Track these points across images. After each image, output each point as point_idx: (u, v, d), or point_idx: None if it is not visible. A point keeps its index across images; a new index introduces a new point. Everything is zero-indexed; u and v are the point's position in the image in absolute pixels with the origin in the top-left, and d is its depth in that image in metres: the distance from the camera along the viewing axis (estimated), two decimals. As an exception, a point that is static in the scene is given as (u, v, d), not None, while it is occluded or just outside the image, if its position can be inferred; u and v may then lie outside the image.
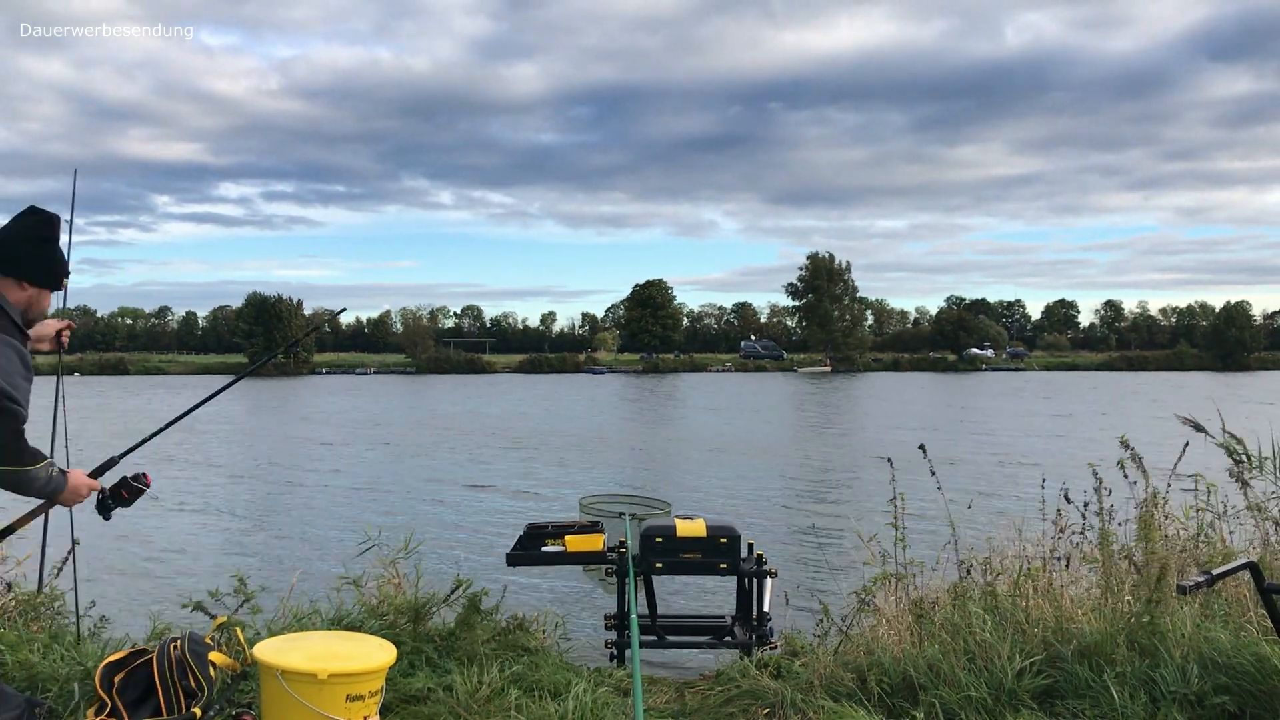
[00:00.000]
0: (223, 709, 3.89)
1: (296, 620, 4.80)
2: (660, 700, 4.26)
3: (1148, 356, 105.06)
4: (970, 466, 20.52)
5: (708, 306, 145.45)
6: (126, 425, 32.77)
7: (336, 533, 14.07)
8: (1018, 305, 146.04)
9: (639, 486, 18.56)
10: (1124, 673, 3.73)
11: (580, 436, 29.10)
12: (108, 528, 14.46)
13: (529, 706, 3.91)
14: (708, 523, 5.06)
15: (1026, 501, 5.17)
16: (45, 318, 3.39)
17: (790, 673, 4.22)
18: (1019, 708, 3.70)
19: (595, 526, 5.35)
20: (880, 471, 16.92)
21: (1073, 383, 68.52)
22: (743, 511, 15.57)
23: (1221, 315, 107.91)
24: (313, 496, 17.16)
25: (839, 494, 18.09)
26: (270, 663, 3.50)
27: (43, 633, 4.77)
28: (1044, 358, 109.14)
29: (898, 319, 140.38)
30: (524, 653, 4.57)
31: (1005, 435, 29.25)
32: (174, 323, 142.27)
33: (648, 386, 66.46)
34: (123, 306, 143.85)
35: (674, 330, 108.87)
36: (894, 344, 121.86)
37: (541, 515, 6.08)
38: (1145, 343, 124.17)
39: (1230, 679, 3.60)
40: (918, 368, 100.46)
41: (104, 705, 3.82)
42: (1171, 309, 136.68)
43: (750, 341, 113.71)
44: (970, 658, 3.93)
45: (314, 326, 13.64)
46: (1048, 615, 4.19)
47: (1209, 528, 4.78)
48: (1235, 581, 4.36)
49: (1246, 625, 4.04)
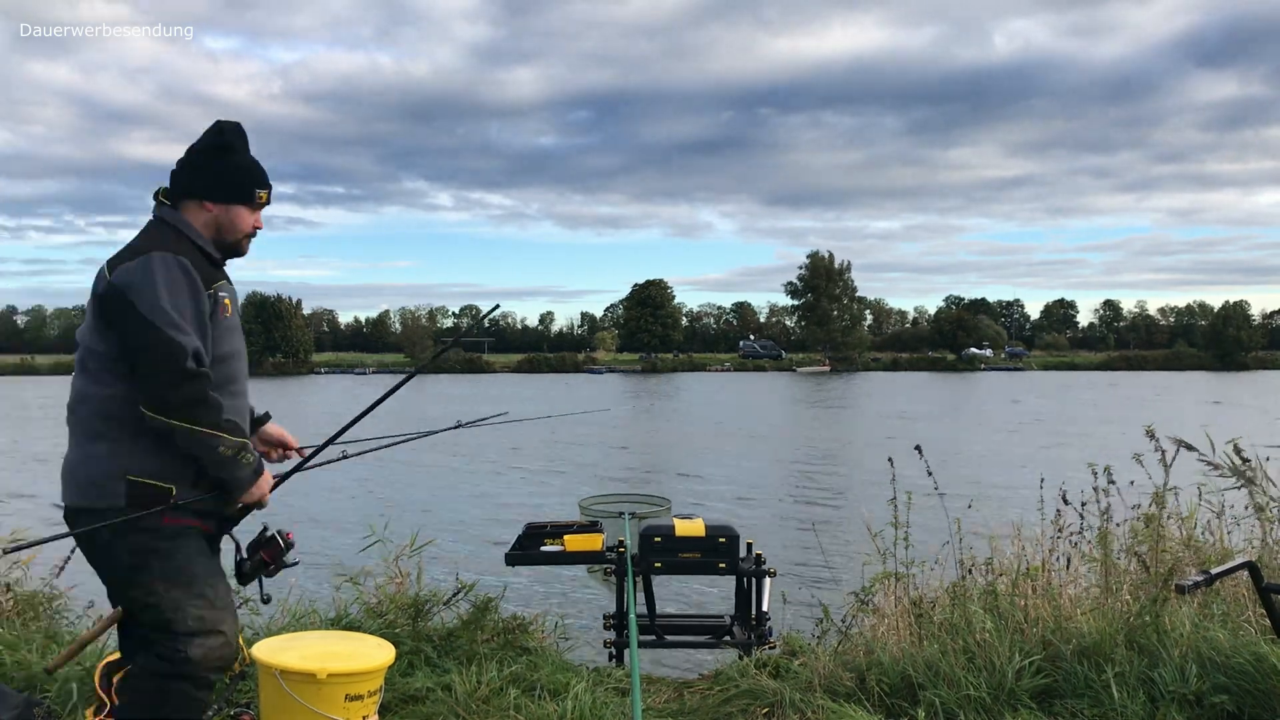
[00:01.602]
0: (221, 709, 3.89)
1: (295, 620, 4.80)
2: (659, 700, 4.26)
3: (1146, 356, 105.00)
4: (970, 466, 20.53)
5: (707, 306, 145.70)
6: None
7: (334, 533, 14.05)
8: (1017, 305, 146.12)
9: (638, 485, 18.56)
10: (1123, 672, 3.73)
11: (580, 436, 29.10)
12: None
13: (528, 706, 3.91)
14: (707, 522, 5.06)
15: (1026, 501, 5.17)
16: (244, 236, 2.93)
17: (789, 672, 4.22)
18: (1018, 707, 3.70)
19: (594, 526, 5.35)
20: (880, 471, 16.92)
21: (1072, 382, 68.57)
22: (741, 511, 15.58)
23: (1220, 315, 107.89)
24: (311, 495, 17.16)
25: (838, 493, 18.10)
26: (268, 662, 3.50)
27: (41, 632, 4.76)
28: (1043, 357, 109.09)
29: (897, 319, 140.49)
30: (523, 652, 4.57)
31: (1005, 435, 29.26)
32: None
33: (647, 386, 66.46)
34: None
35: (673, 330, 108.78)
36: (893, 344, 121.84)
37: (540, 515, 6.07)
38: (1144, 342, 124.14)
39: (1229, 678, 3.60)
40: (916, 367, 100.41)
41: (103, 705, 3.81)
42: (1170, 309, 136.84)
43: (749, 341, 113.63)
44: (970, 657, 3.94)
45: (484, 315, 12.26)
46: (1047, 615, 4.19)
47: (1208, 527, 4.78)
48: (1234, 581, 4.36)
49: (1245, 625, 4.04)
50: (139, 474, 2.71)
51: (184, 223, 2.84)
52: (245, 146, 2.93)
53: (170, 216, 2.86)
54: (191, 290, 2.70)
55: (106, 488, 2.72)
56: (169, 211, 2.87)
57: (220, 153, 2.87)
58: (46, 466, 21.94)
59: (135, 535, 2.73)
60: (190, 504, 2.79)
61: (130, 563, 2.76)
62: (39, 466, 21.86)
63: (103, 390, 2.74)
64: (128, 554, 2.75)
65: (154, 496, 2.72)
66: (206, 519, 2.89)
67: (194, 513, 2.82)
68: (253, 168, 2.93)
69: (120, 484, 2.70)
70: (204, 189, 2.85)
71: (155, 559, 2.75)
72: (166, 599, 2.75)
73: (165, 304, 2.64)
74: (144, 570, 2.75)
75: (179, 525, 2.77)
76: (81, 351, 2.81)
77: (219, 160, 2.87)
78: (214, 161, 2.86)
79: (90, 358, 2.78)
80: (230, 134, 2.89)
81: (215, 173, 2.86)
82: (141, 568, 2.75)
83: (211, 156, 2.87)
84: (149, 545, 2.74)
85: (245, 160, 2.92)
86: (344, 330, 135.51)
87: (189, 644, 2.75)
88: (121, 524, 2.70)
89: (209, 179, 2.85)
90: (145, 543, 2.74)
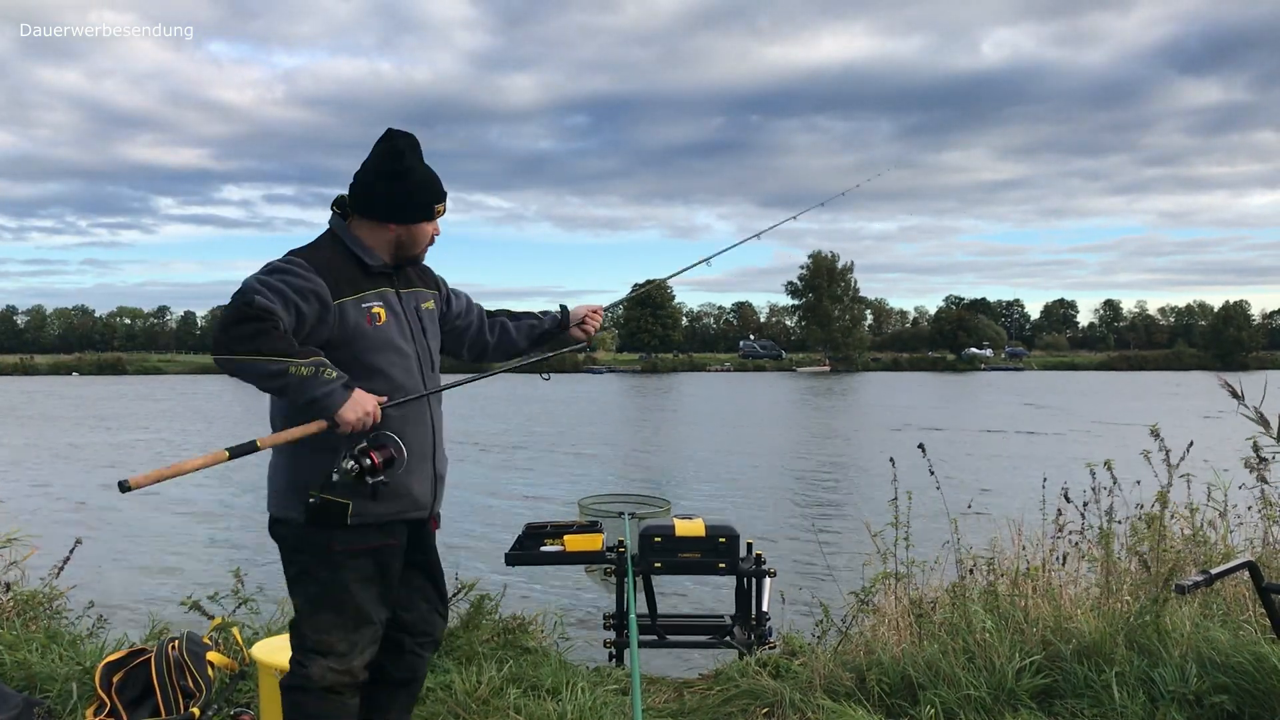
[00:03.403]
0: (221, 709, 3.89)
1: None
2: (659, 700, 4.26)
3: (1146, 356, 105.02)
4: (970, 466, 20.53)
5: (707, 306, 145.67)
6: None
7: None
8: (1017, 305, 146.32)
9: (638, 486, 18.55)
10: (1123, 672, 3.73)
11: (579, 436, 29.10)
12: (107, 527, 14.42)
13: (528, 706, 3.91)
14: (706, 522, 5.06)
15: (1027, 501, 5.17)
16: (422, 248, 2.97)
17: (789, 672, 4.22)
18: (1018, 707, 3.70)
19: (594, 526, 5.35)
20: (880, 470, 16.89)
21: (1072, 382, 68.58)
22: (741, 511, 15.57)
23: (1220, 315, 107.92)
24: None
25: (838, 493, 18.09)
26: (268, 662, 3.50)
27: (40, 632, 4.76)
28: (1043, 357, 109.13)
29: (897, 319, 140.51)
30: (523, 652, 4.57)
31: (1005, 434, 29.26)
32: (172, 322, 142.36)
33: (647, 386, 66.47)
34: (121, 306, 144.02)
35: (673, 330, 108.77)
36: (893, 343, 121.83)
37: (540, 515, 6.07)
38: (1144, 342, 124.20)
39: (1229, 678, 3.60)
40: (916, 367, 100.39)
41: (103, 705, 3.82)
42: (1170, 309, 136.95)
43: (749, 341, 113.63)
44: (970, 657, 3.93)
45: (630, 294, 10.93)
46: (1047, 614, 4.19)
47: (1209, 526, 4.77)
48: (1234, 581, 4.36)
49: (1245, 625, 4.04)
50: (318, 489, 2.73)
51: (351, 236, 2.89)
52: (419, 159, 2.91)
53: (339, 229, 2.92)
54: (294, 284, 2.68)
55: (287, 501, 2.81)
56: (336, 221, 2.93)
57: (397, 176, 2.86)
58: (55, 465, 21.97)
59: (302, 555, 2.83)
60: (368, 521, 2.79)
61: (293, 575, 2.88)
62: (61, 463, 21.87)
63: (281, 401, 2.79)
64: (294, 569, 2.87)
65: (331, 514, 2.75)
66: (389, 532, 2.87)
67: (375, 530, 2.82)
68: (430, 183, 2.92)
69: (299, 500, 2.76)
70: (385, 213, 2.87)
71: (312, 581, 2.83)
72: (310, 618, 2.84)
73: (254, 280, 2.67)
74: (299, 585, 2.86)
75: (347, 551, 2.80)
76: None
77: (397, 184, 2.86)
78: (392, 185, 2.86)
79: None
80: (407, 156, 2.87)
81: (394, 196, 2.86)
82: (298, 582, 2.86)
83: (389, 180, 2.86)
84: (310, 566, 2.82)
85: (421, 177, 2.91)
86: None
87: (311, 661, 2.82)
88: (294, 541, 2.82)
89: (389, 204, 2.87)
90: (308, 563, 2.83)
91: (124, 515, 15.19)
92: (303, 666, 2.82)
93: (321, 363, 2.65)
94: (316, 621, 2.82)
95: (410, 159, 2.87)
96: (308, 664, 2.82)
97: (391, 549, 2.88)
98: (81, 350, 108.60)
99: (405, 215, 2.88)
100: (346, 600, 2.81)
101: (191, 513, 15.89)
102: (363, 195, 2.88)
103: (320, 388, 2.63)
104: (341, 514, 2.74)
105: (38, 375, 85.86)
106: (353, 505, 2.75)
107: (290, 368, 2.58)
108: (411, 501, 2.89)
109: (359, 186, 2.90)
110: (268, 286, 2.65)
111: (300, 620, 2.87)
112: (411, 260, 2.99)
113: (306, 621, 2.84)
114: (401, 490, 2.84)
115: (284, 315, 2.62)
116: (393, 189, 2.85)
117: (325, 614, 2.82)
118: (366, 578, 2.84)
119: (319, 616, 2.82)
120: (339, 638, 2.82)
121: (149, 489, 2.63)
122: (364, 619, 2.84)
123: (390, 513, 2.83)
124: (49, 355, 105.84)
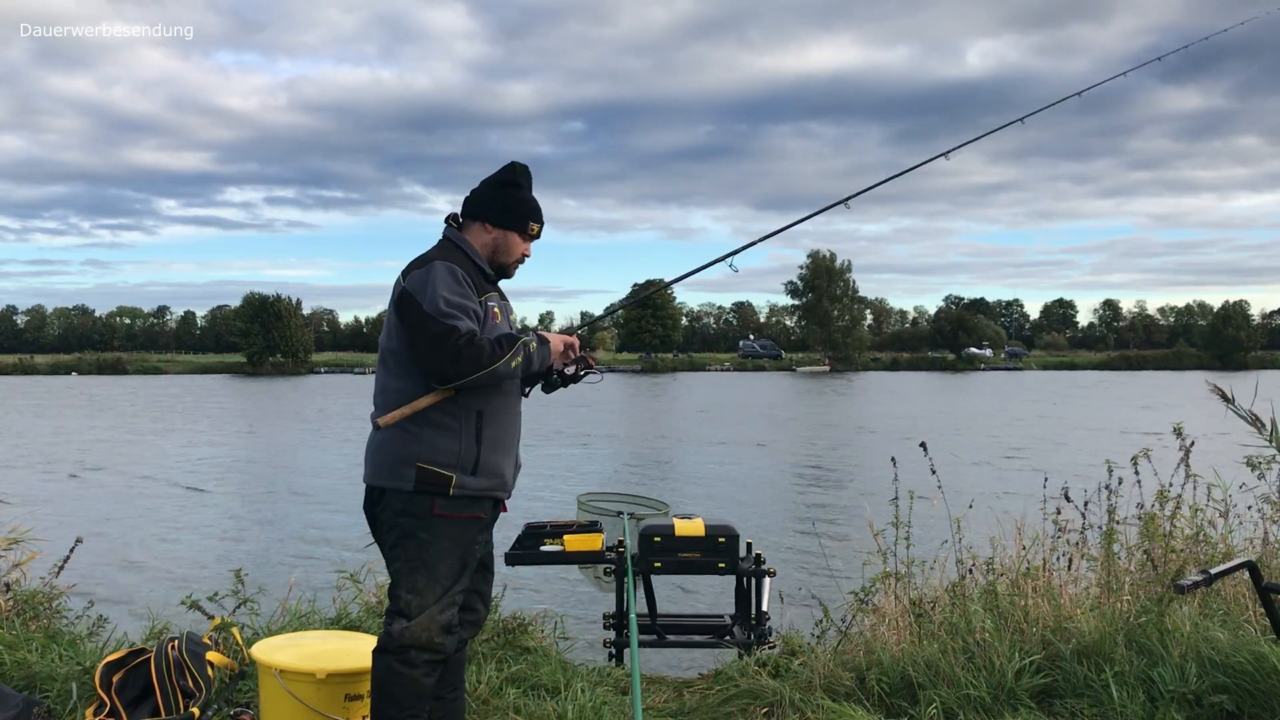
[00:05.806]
0: (221, 709, 3.89)
1: (296, 619, 4.80)
2: (659, 699, 4.26)
3: (1146, 356, 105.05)
4: (970, 465, 20.53)
5: (706, 306, 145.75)
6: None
7: (338, 532, 14.07)
8: (1016, 305, 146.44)
9: (637, 486, 18.55)
10: (1122, 672, 3.74)
11: (578, 435, 29.10)
12: (107, 528, 14.40)
13: (527, 705, 3.91)
14: (706, 522, 5.06)
15: (1028, 501, 5.17)
16: (514, 260, 3.34)
17: (789, 672, 4.22)
18: (1018, 707, 3.70)
19: (594, 526, 5.35)
20: (880, 470, 16.89)
21: (1072, 382, 68.58)
22: (741, 511, 15.57)
23: (1220, 315, 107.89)
24: (312, 495, 17.17)
25: (837, 493, 18.09)
26: (268, 662, 3.50)
27: (40, 632, 4.76)
28: (1042, 357, 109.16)
29: (897, 318, 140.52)
30: (522, 652, 4.57)
31: (1004, 435, 29.26)
32: (172, 322, 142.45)
33: (647, 386, 66.46)
34: (121, 306, 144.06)
35: (673, 330, 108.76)
36: (893, 343, 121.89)
37: (540, 515, 6.07)
38: (1144, 342, 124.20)
39: (1228, 678, 3.61)
40: (916, 367, 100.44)
41: (103, 705, 3.82)
42: (1170, 309, 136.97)
43: (749, 341, 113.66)
44: (969, 657, 3.94)
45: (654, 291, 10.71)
46: (1047, 614, 4.20)
47: (1209, 525, 4.78)
48: (1234, 581, 4.36)
49: (1245, 624, 4.04)
50: (428, 461, 3.04)
51: (465, 241, 3.27)
52: (529, 185, 3.35)
53: (454, 236, 3.29)
54: (464, 289, 3.08)
55: (399, 471, 3.07)
56: (453, 232, 3.31)
57: (507, 187, 3.30)
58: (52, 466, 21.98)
59: (406, 519, 3.06)
60: (467, 494, 3.08)
61: (393, 540, 3.10)
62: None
63: (399, 383, 3.11)
64: (396, 533, 3.08)
65: (437, 482, 3.04)
66: (481, 507, 3.16)
67: (470, 501, 3.11)
68: (531, 203, 3.33)
69: (410, 469, 3.04)
70: (488, 213, 3.27)
71: (412, 543, 3.05)
72: (406, 578, 3.06)
73: (440, 300, 3.01)
74: (399, 548, 3.08)
75: (448, 518, 3.08)
76: (382, 350, 3.21)
77: (504, 193, 3.29)
78: (500, 193, 3.29)
79: (389, 356, 3.16)
80: (520, 174, 3.32)
81: (500, 202, 3.28)
82: (398, 545, 3.08)
83: (499, 189, 3.30)
84: (412, 530, 3.05)
85: (526, 196, 3.33)
86: (344, 330, 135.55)
87: (394, 621, 3.05)
88: (401, 505, 3.06)
89: (494, 206, 3.27)
90: (411, 527, 3.06)
91: (124, 515, 15.20)
92: (390, 625, 3.05)
93: (522, 342, 3.08)
94: (412, 581, 3.04)
95: (522, 179, 3.32)
96: (392, 623, 3.04)
97: (481, 522, 3.17)
98: (81, 350, 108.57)
99: (505, 220, 3.26)
100: (438, 562, 3.06)
101: (192, 513, 15.90)
102: (475, 199, 3.30)
103: (534, 360, 3.13)
104: (445, 484, 3.04)
105: (37, 375, 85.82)
106: (455, 478, 3.05)
107: (513, 362, 3.03)
108: (501, 482, 3.19)
109: (474, 193, 3.31)
110: (453, 306, 3.01)
111: (396, 583, 3.08)
112: (501, 272, 3.33)
113: (403, 581, 3.05)
114: (496, 470, 3.15)
115: (474, 325, 3.03)
116: (501, 195, 3.28)
117: (420, 575, 3.04)
118: (456, 543, 3.10)
119: (415, 577, 3.04)
120: (430, 599, 3.04)
121: (152, 493, 2.63)
122: (452, 579, 3.09)
123: (484, 488, 3.13)
124: (49, 355, 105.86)
